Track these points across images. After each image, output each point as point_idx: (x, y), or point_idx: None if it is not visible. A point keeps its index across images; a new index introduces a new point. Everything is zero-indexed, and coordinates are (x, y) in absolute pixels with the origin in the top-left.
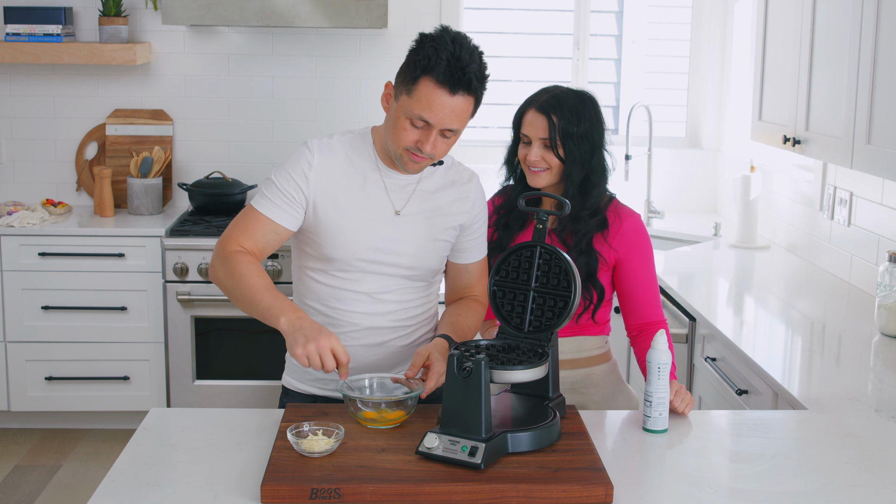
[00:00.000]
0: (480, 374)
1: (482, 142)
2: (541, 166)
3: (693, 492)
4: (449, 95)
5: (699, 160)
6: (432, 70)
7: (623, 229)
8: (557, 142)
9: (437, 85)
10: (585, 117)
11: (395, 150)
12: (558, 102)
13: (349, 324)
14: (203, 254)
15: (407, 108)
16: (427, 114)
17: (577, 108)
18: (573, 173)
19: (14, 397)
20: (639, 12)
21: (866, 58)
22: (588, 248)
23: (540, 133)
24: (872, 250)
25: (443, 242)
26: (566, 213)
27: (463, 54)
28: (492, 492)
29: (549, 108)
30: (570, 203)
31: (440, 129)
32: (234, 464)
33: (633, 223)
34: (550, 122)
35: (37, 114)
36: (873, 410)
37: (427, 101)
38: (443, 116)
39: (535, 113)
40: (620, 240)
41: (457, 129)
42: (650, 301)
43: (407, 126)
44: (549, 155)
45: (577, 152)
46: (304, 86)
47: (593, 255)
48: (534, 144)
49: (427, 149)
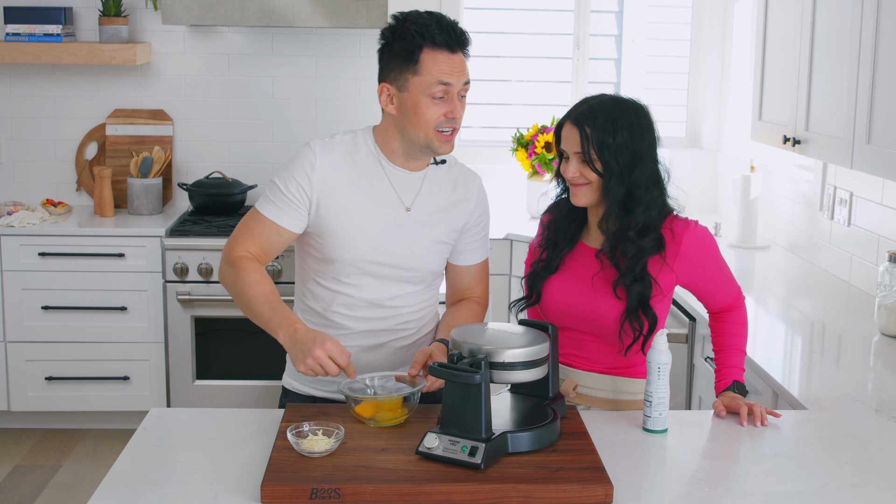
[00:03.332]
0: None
1: (482, 142)
2: (580, 182)
3: (693, 492)
4: (450, 54)
5: (699, 160)
6: (429, 39)
7: (682, 250)
8: (593, 155)
9: (438, 49)
10: (623, 126)
11: (426, 136)
12: (593, 112)
13: (348, 327)
14: (203, 254)
15: (422, 86)
16: (446, 76)
17: (614, 117)
18: (612, 188)
19: (14, 397)
20: (639, 12)
21: (866, 58)
22: (642, 273)
23: (573, 147)
24: (872, 250)
25: (444, 244)
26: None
27: (442, 19)
28: (492, 492)
29: (582, 119)
30: (612, 223)
31: (458, 89)
32: (234, 464)
33: (689, 238)
34: (583, 133)
35: (37, 114)
36: (873, 410)
37: (437, 67)
38: (458, 75)
39: (570, 126)
40: (681, 262)
41: (468, 83)
42: (725, 292)
43: (430, 104)
44: (585, 169)
45: (614, 165)
46: (304, 86)
47: (647, 282)
48: (571, 159)
49: (458, 112)
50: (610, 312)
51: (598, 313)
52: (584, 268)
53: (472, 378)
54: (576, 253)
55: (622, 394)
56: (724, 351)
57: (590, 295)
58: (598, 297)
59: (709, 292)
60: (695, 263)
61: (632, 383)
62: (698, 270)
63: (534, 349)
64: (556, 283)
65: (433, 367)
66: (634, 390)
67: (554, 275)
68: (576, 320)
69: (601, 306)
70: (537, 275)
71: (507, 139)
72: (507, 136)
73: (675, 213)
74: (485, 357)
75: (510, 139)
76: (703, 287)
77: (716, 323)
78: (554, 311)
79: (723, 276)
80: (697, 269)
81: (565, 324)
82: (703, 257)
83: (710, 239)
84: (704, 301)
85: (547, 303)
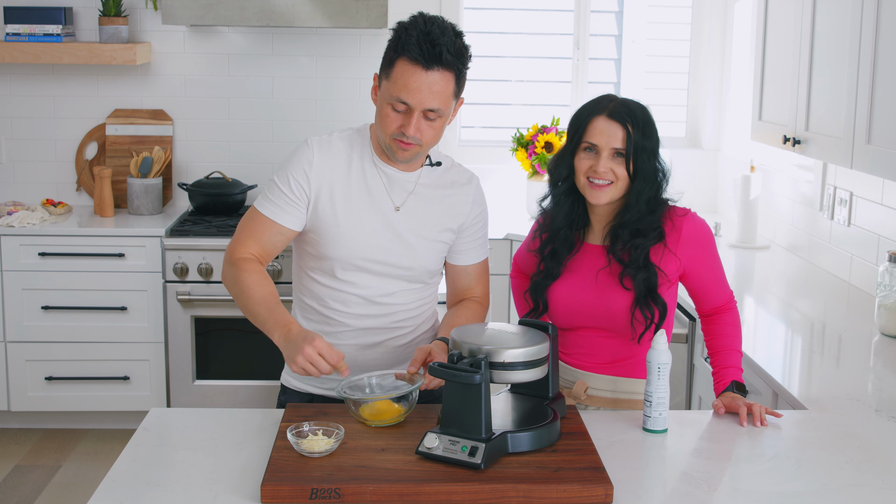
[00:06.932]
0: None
1: (482, 142)
2: (608, 178)
3: (693, 492)
4: (423, 71)
5: (699, 160)
6: (405, 50)
7: (682, 237)
8: (631, 154)
9: (411, 63)
10: (654, 129)
11: (384, 140)
12: (630, 112)
13: (345, 324)
14: (203, 254)
15: (387, 93)
16: (404, 94)
17: (648, 120)
18: (643, 190)
19: (14, 397)
20: (639, 12)
21: (866, 58)
22: (646, 263)
23: (614, 143)
24: (872, 250)
25: (439, 244)
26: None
27: (433, 30)
28: (492, 492)
29: (623, 116)
30: (635, 220)
31: (421, 110)
32: (234, 464)
33: (689, 227)
34: (626, 131)
35: (37, 114)
36: (873, 410)
37: (403, 81)
38: (420, 96)
39: (608, 120)
40: (683, 248)
41: (438, 109)
42: (719, 290)
43: (389, 112)
44: (619, 167)
45: (648, 168)
46: (304, 86)
47: (652, 270)
48: (602, 154)
49: (410, 132)
50: (620, 304)
51: (608, 307)
52: (590, 265)
53: (472, 378)
54: (580, 258)
55: (626, 394)
56: (721, 352)
57: (598, 290)
58: (607, 290)
59: (705, 286)
60: (695, 251)
61: (635, 384)
62: (698, 259)
63: (534, 349)
64: (562, 286)
65: (433, 367)
66: (638, 390)
67: (557, 281)
68: (586, 317)
69: (610, 299)
70: (539, 285)
71: (507, 139)
72: (507, 136)
73: (672, 202)
74: (485, 357)
75: (510, 139)
76: (700, 279)
77: (710, 325)
78: (562, 312)
79: (719, 271)
80: (697, 258)
81: (574, 323)
82: (703, 246)
83: (708, 229)
84: (699, 297)
85: (554, 307)
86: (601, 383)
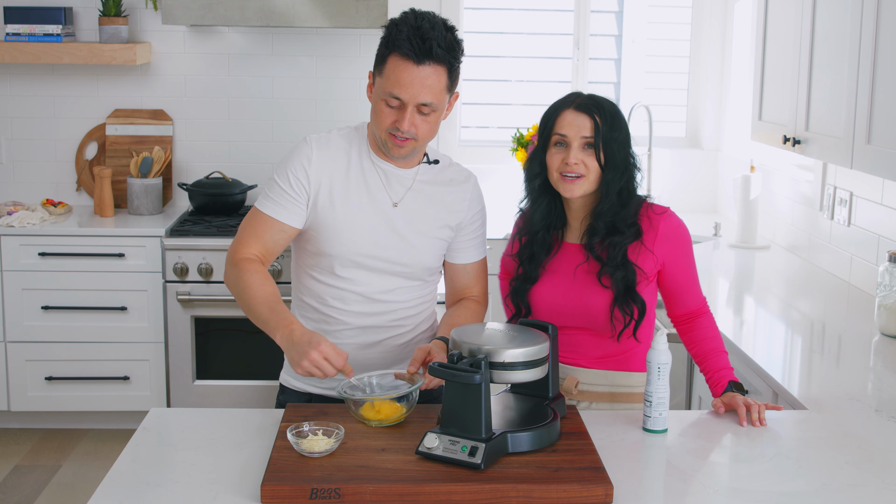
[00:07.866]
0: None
1: (482, 142)
2: (578, 171)
3: (693, 492)
4: (415, 66)
5: (699, 160)
6: (396, 46)
7: (659, 234)
8: (600, 144)
9: (402, 58)
10: (622, 122)
11: (379, 136)
12: (597, 104)
13: (345, 322)
14: (203, 254)
15: (380, 89)
16: (397, 90)
17: (615, 113)
18: (613, 181)
19: (14, 397)
20: (639, 12)
21: (866, 58)
22: (624, 261)
23: (583, 132)
24: (872, 250)
25: (438, 240)
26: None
27: (423, 24)
28: (492, 492)
29: (591, 108)
30: (608, 212)
31: (414, 104)
32: (234, 464)
33: (666, 224)
34: (594, 121)
35: (37, 114)
36: (873, 410)
37: (395, 76)
38: (413, 91)
39: (576, 112)
40: (660, 245)
41: (431, 103)
42: (694, 292)
43: (383, 108)
44: (589, 158)
45: (617, 158)
46: (304, 86)
47: (630, 268)
48: (572, 146)
49: (405, 127)
50: (599, 303)
51: (587, 305)
52: (569, 264)
53: (472, 378)
54: (558, 261)
55: (621, 387)
56: (710, 356)
57: (577, 289)
58: (586, 289)
59: (680, 286)
60: (671, 249)
61: (630, 377)
62: (674, 258)
63: (534, 349)
64: (542, 288)
65: (433, 367)
66: (632, 384)
67: (537, 283)
68: (567, 317)
69: (589, 298)
70: (519, 289)
71: (507, 139)
72: (506, 136)
73: (650, 199)
74: (485, 357)
75: (510, 139)
76: (675, 279)
77: (690, 332)
78: (546, 314)
79: (694, 273)
80: (673, 256)
81: (559, 323)
82: (679, 244)
83: (685, 229)
84: (673, 299)
85: (537, 308)
86: (595, 378)
